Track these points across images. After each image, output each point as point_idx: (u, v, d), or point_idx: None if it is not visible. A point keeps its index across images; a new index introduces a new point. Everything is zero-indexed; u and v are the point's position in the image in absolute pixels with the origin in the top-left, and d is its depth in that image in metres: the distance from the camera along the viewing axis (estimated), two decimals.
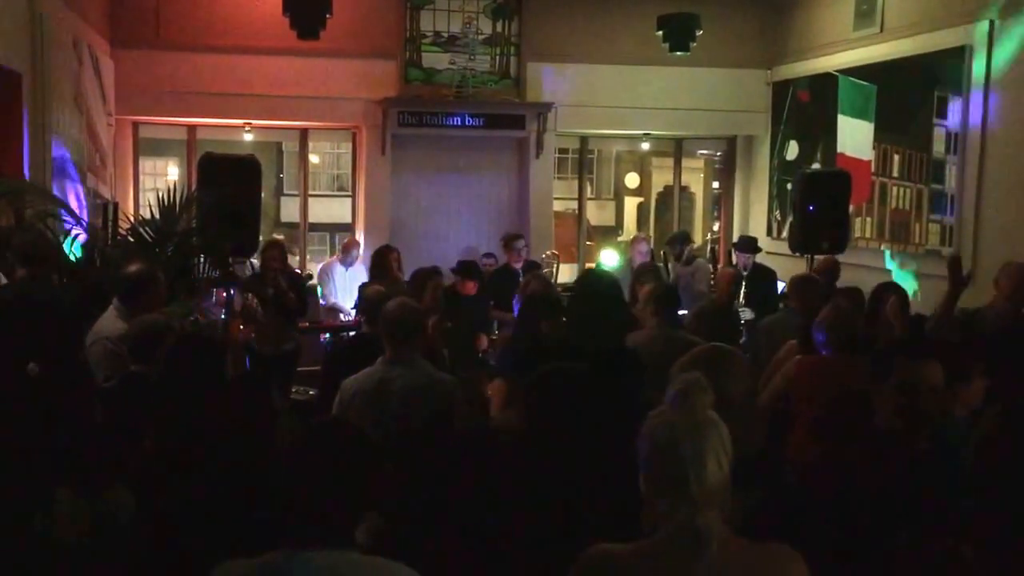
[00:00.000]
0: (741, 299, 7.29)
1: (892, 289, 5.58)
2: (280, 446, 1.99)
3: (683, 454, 1.84)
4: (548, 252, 8.85)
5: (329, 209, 14.76)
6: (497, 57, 9.44)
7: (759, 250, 8.22)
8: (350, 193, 10.24)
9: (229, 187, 5.67)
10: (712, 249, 11.40)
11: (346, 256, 8.45)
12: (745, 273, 7.80)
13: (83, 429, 2.79)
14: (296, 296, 6.53)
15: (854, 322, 4.39)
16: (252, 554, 1.94)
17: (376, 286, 5.50)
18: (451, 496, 2.58)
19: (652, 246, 8.73)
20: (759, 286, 7.37)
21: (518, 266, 8.06)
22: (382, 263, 6.96)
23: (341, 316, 7.97)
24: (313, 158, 15.67)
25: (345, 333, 7.13)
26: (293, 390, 5.90)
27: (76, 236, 5.51)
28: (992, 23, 6.85)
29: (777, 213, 9.67)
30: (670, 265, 8.22)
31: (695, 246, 9.29)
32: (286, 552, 1.91)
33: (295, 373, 6.29)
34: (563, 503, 2.48)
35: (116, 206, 6.63)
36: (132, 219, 6.16)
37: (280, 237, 11.31)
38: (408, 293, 6.03)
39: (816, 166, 8.92)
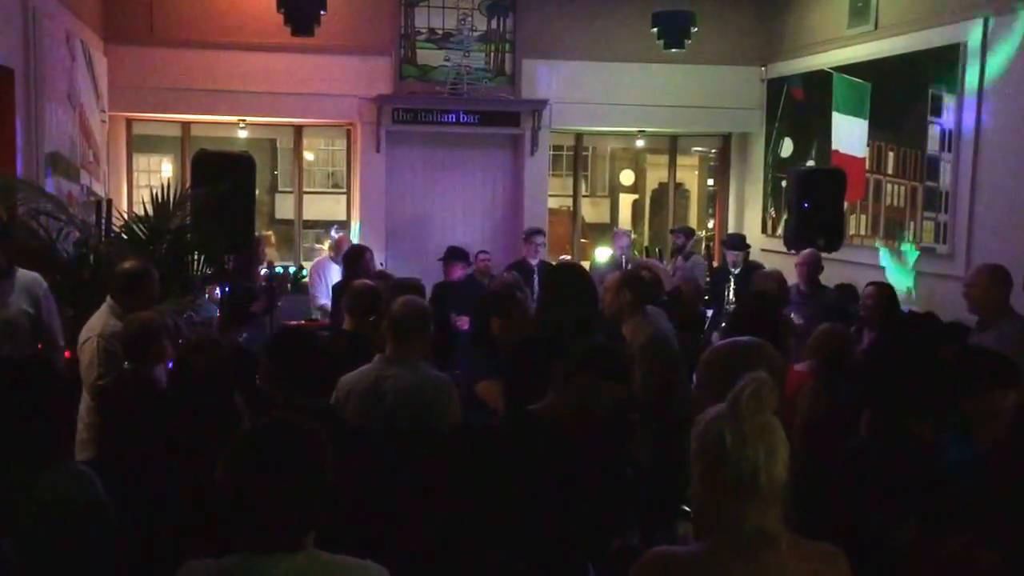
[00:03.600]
0: (731, 295, 7.34)
1: (873, 283, 5.78)
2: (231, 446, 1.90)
3: (754, 455, 1.79)
4: (562, 256, 8.91)
5: (324, 206, 14.75)
6: (492, 54, 9.42)
7: (748, 247, 8.28)
8: (344, 190, 10.22)
9: (223, 184, 5.65)
10: (707, 246, 11.44)
11: (339, 254, 8.39)
12: (735, 271, 7.85)
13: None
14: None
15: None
16: (214, 555, 1.88)
17: (364, 281, 5.47)
18: (453, 494, 2.57)
19: (634, 237, 8.79)
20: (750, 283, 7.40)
21: (534, 262, 8.02)
22: (357, 264, 6.48)
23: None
24: (307, 155, 15.68)
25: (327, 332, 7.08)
26: None
27: (69, 233, 5.48)
28: (987, 21, 6.85)
29: (772, 210, 9.67)
30: (665, 261, 8.23)
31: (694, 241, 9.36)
32: (243, 555, 1.84)
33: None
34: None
35: (110, 203, 6.62)
36: (126, 216, 6.15)
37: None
38: (347, 270, 6.50)
39: (811, 163, 8.93)
